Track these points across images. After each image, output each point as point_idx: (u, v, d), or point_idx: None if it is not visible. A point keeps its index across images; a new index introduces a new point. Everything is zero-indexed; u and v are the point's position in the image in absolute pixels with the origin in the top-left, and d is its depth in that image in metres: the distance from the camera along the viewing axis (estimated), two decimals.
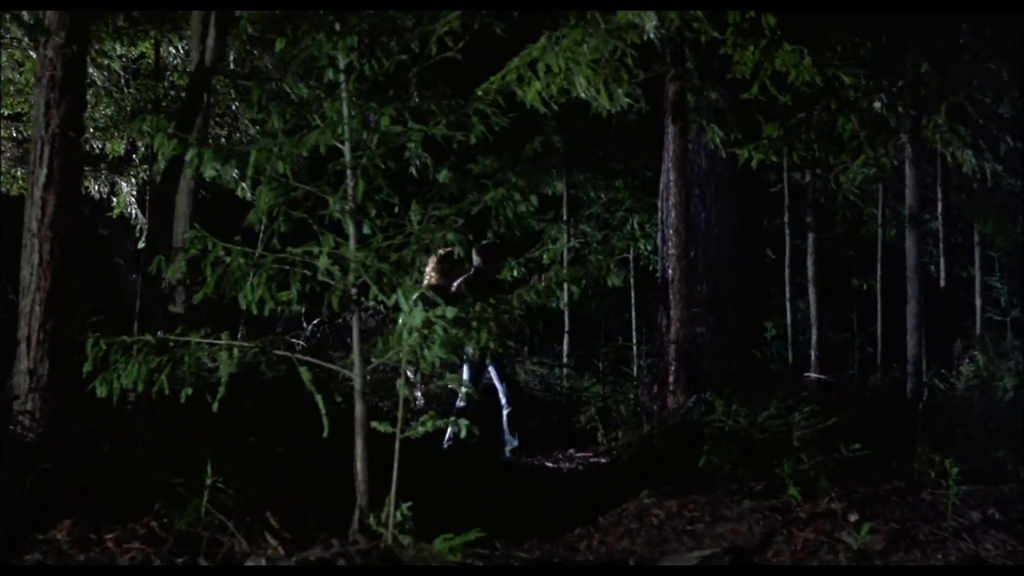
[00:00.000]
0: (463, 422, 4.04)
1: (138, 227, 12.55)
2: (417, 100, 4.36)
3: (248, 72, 7.24)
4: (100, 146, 11.23)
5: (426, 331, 4.01)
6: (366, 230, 4.12)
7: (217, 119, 10.43)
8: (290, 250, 4.14)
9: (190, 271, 4.39)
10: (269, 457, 5.15)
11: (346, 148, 4.25)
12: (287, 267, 4.21)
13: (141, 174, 11.89)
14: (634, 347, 12.93)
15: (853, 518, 5.24)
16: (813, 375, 7.73)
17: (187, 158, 4.23)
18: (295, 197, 4.22)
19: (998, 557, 4.93)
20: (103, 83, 10.07)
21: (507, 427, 8.78)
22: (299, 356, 4.15)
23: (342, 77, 4.26)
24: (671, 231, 6.97)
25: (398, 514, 4.10)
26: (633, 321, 14.29)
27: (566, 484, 7.20)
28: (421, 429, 4.09)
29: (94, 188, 12.13)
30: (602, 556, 5.11)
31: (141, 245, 11.73)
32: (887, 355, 10.41)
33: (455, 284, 8.47)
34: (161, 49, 10.35)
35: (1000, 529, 5.18)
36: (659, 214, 9.49)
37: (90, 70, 9.80)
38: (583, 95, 6.45)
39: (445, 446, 8.34)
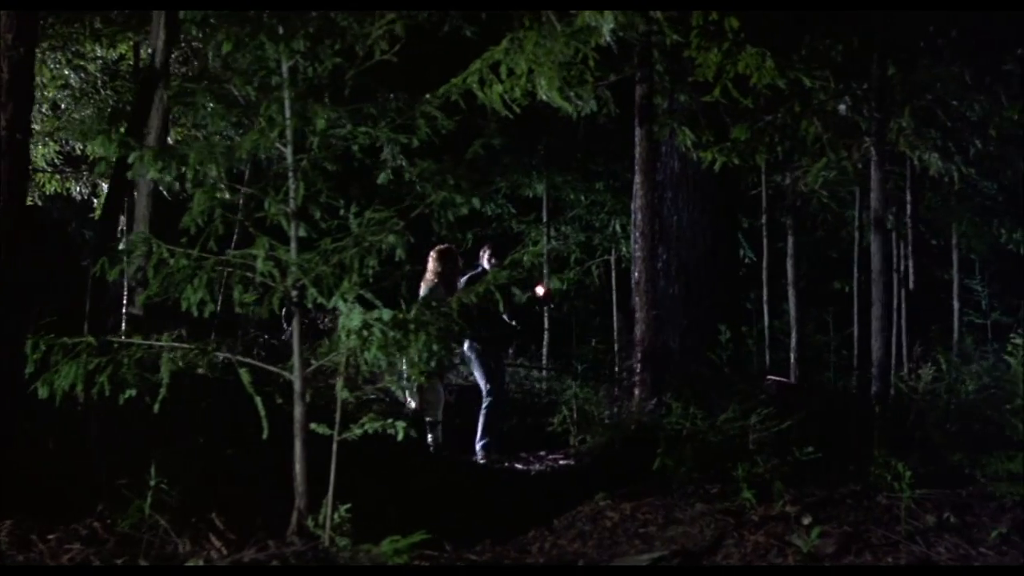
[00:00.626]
0: (400, 424, 4.04)
1: (120, 228, 12.54)
2: (358, 102, 4.34)
3: (196, 75, 7.26)
4: (81, 148, 11.24)
5: (366, 333, 4.01)
6: (302, 233, 4.13)
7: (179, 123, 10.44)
8: (230, 252, 4.15)
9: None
10: (219, 458, 5.15)
11: (288, 151, 4.25)
12: (229, 269, 4.22)
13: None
14: (615, 349, 12.92)
15: (806, 521, 5.25)
16: (774, 378, 7.73)
17: (129, 160, 4.23)
18: (234, 200, 4.22)
19: (950, 560, 4.93)
20: (79, 85, 10.07)
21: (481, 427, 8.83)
22: (239, 358, 4.15)
23: (285, 79, 4.26)
24: (638, 233, 6.97)
25: (336, 516, 4.09)
26: (614, 323, 14.30)
27: (529, 486, 7.19)
28: (358, 431, 4.09)
29: (76, 190, 12.17)
30: (553, 558, 5.11)
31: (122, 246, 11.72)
32: (863, 358, 10.39)
33: (461, 281, 8.53)
34: (141, 51, 10.36)
35: (954, 533, 5.18)
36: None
37: (66, 71, 9.86)
38: (544, 98, 6.44)
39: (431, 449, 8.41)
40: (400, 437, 4.04)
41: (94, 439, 4.89)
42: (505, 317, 8.66)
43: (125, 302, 5.67)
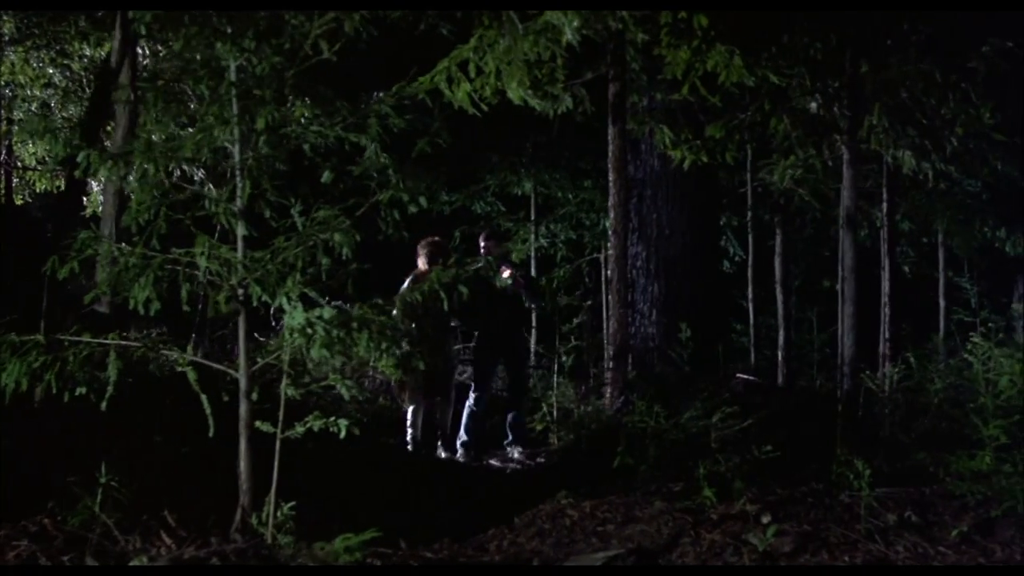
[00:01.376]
0: (343, 421, 4.05)
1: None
2: (300, 101, 4.35)
3: (150, 75, 7.28)
4: None
5: (309, 331, 4.02)
6: (242, 231, 4.14)
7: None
8: (176, 251, 4.16)
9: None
10: (174, 456, 5.17)
11: (235, 149, 4.27)
12: (178, 267, 4.23)
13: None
14: (606, 346, 12.90)
15: (765, 520, 5.24)
16: (743, 376, 7.72)
17: (78, 160, 4.24)
18: (182, 199, 4.24)
19: (907, 560, 4.93)
20: (64, 83, 10.12)
21: (510, 428, 8.88)
22: (185, 356, 4.16)
23: (231, 78, 4.27)
24: (610, 231, 6.97)
25: (279, 514, 4.10)
26: (604, 321, 14.27)
27: (499, 484, 7.20)
28: (300, 430, 4.11)
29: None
30: (509, 556, 5.11)
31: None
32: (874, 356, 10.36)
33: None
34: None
35: (914, 532, 5.18)
36: None
37: (49, 70, 9.90)
38: (511, 96, 6.45)
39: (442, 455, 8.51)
40: (342, 435, 4.04)
41: (46, 437, 4.90)
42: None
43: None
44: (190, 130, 4.19)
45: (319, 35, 4.10)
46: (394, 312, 7.63)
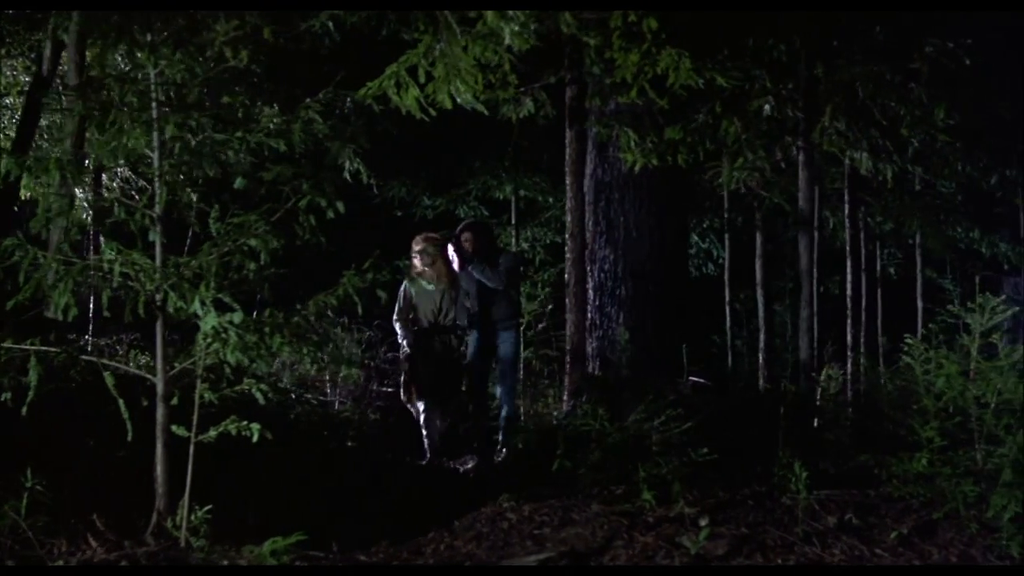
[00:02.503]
0: (255, 426, 4.07)
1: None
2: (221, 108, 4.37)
3: (79, 83, 7.29)
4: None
5: (224, 335, 4.06)
6: (152, 238, 4.17)
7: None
8: (93, 258, 4.19)
9: None
10: (106, 460, 5.18)
11: (155, 156, 4.30)
12: (99, 274, 4.27)
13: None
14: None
15: (703, 522, 5.25)
16: (695, 379, 7.71)
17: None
18: (104, 206, 4.27)
19: (842, 562, 4.93)
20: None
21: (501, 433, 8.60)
22: (104, 361, 4.19)
23: (151, 85, 4.30)
24: (567, 235, 6.97)
25: (194, 517, 4.13)
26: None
27: (452, 487, 7.17)
28: (213, 434, 4.13)
29: None
30: (444, 559, 5.13)
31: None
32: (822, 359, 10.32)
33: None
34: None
35: (853, 534, 5.18)
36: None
37: (23, 77, 9.96)
38: (460, 101, 6.44)
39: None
40: (255, 439, 4.07)
41: None
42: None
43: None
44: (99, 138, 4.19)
45: (224, 42, 4.13)
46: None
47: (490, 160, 13.43)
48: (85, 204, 6.51)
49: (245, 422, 4.07)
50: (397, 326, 8.76)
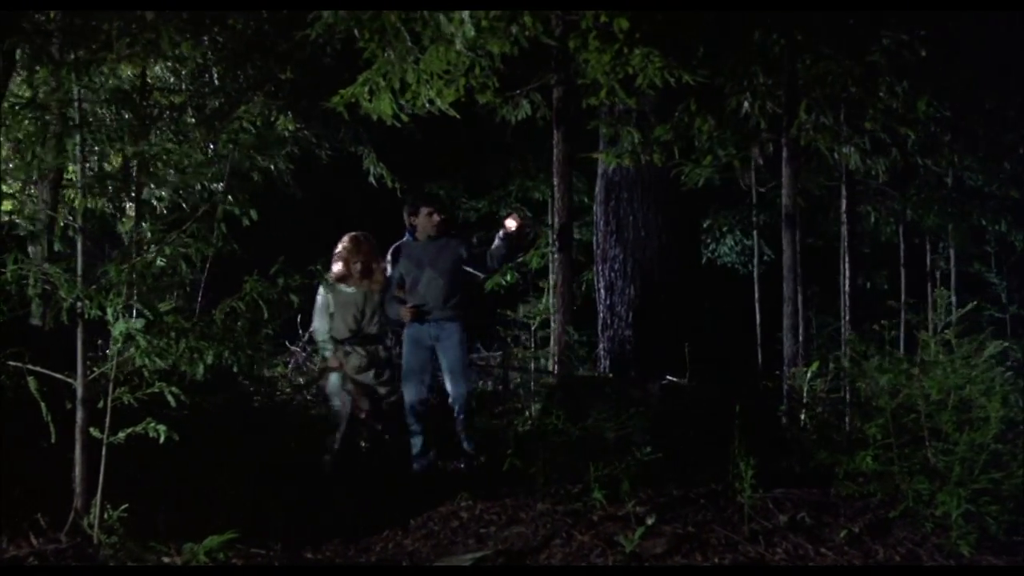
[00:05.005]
0: (161, 427, 4.23)
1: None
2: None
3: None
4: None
5: (138, 339, 4.23)
6: (57, 247, 4.36)
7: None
8: (12, 267, 4.39)
9: None
10: (32, 462, 5.30)
11: (78, 168, 4.50)
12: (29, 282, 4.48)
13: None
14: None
15: (650, 521, 5.26)
16: (671, 378, 7.65)
17: None
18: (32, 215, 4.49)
19: (782, 561, 4.90)
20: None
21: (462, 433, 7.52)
22: (29, 366, 4.40)
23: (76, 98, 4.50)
24: (553, 238, 7.02)
25: (107, 515, 4.30)
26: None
27: (424, 486, 7.10)
28: (122, 435, 4.30)
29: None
30: (388, 557, 5.23)
31: None
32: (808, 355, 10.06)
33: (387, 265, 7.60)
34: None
35: (802, 533, 5.15)
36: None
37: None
38: (428, 106, 6.55)
39: None
40: (162, 439, 4.23)
41: None
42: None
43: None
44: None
45: (117, 59, 4.30)
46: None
47: (527, 161, 13.46)
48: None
49: (152, 423, 4.23)
50: (318, 336, 7.66)
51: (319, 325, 7.54)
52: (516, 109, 7.89)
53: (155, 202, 7.42)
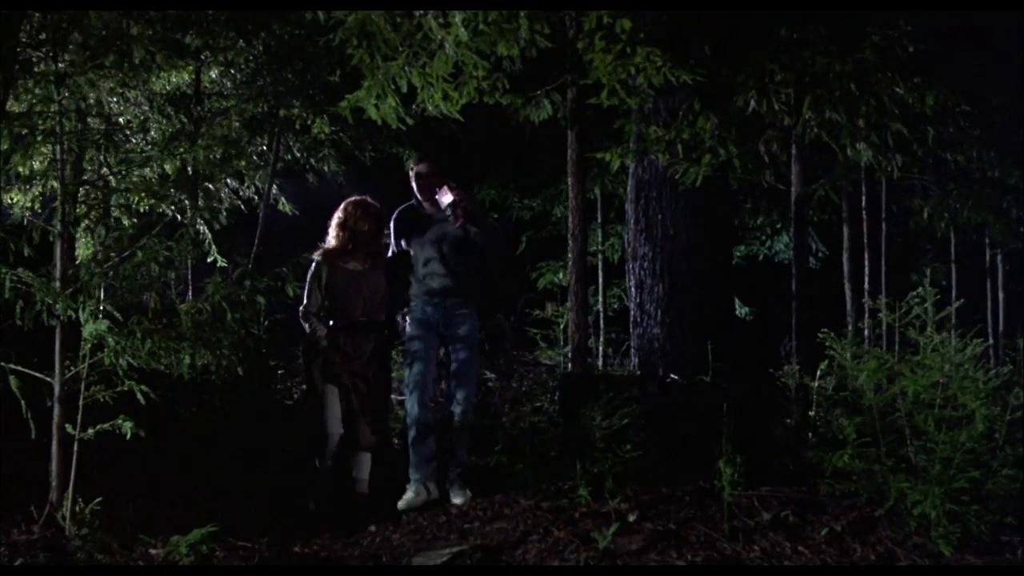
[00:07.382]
0: (128, 424, 4.42)
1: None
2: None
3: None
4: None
5: (108, 340, 4.44)
6: (27, 252, 4.57)
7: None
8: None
9: None
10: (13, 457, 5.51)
11: (58, 176, 4.72)
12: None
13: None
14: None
15: (632, 518, 5.29)
16: (674, 377, 7.60)
17: None
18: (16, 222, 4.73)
19: (757, 559, 4.89)
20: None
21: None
22: (10, 366, 4.62)
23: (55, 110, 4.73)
24: (570, 237, 7.06)
25: (79, 508, 4.51)
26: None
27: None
28: (91, 432, 4.50)
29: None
30: (370, 552, 5.34)
31: None
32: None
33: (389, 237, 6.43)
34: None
35: (783, 531, 5.14)
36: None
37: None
38: (431, 109, 6.64)
39: None
40: (128, 436, 4.41)
41: None
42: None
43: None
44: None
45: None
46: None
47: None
48: None
49: (122, 420, 4.42)
50: (306, 321, 6.12)
51: (311, 300, 6.04)
52: (538, 109, 7.93)
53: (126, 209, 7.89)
